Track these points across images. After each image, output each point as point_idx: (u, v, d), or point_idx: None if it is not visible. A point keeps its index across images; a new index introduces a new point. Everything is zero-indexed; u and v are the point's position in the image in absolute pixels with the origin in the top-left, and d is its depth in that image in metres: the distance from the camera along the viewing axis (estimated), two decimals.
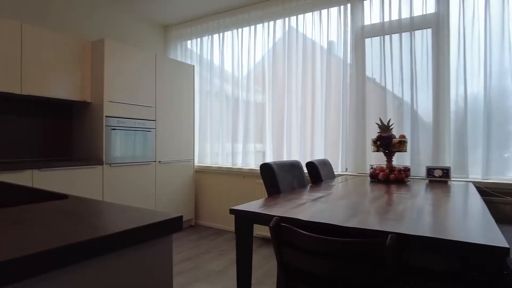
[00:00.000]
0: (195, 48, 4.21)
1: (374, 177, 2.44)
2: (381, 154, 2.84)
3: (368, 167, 2.95)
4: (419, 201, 1.55)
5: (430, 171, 2.50)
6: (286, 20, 3.47)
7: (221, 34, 3.94)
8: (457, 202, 1.55)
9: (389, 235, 0.94)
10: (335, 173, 3.04)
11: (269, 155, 3.58)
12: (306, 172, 2.45)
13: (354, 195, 1.73)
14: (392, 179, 2.33)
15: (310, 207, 1.38)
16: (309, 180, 2.52)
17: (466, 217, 1.22)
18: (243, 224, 1.40)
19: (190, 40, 4.24)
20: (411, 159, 2.78)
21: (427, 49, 2.75)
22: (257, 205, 1.43)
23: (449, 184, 2.29)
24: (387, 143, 2.42)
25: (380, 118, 2.59)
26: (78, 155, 3.19)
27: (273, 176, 1.92)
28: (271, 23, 3.58)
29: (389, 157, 2.46)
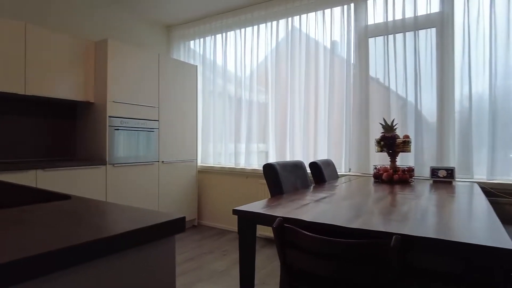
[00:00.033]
0: (198, 48, 4.21)
1: (377, 177, 2.43)
2: (384, 155, 2.83)
3: (371, 167, 2.94)
4: (423, 201, 1.54)
5: (434, 171, 2.48)
6: (289, 20, 3.46)
7: (224, 34, 3.94)
8: (462, 203, 1.53)
9: (393, 236, 0.93)
10: (339, 174, 3.02)
11: (272, 155, 3.57)
12: (309, 172, 2.44)
13: (357, 195, 1.72)
14: (396, 179, 2.32)
15: (313, 208, 1.37)
16: (312, 181, 2.51)
17: (471, 218, 1.20)
18: (246, 225, 1.39)
19: (193, 40, 4.25)
20: (415, 159, 2.77)
21: (431, 48, 2.73)
22: (260, 206, 1.42)
23: (454, 184, 2.27)
24: (391, 143, 2.41)
25: (383, 118, 2.58)
26: (81, 155, 3.20)
27: (276, 177, 1.92)
28: (274, 23, 3.57)
29: (393, 157, 2.45)
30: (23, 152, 2.92)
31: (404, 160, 2.81)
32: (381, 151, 2.47)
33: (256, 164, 3.69)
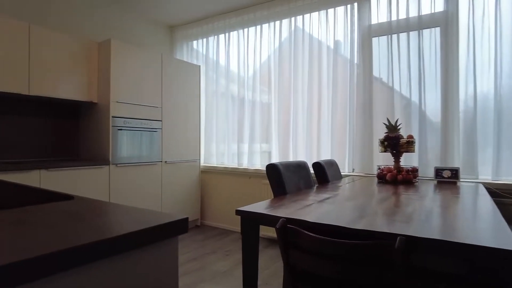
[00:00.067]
0: (201, 48, 4.21)
1: (381, 178, 2.42)
2: (388, 155, 2.81)
3: (375, 167, 2.92)
4: (428, 202, 1.53)
5: (438, 171, 2.46)
6: (292, 20, 3.45)
7: (227, 34, 3.94)
8: (466, 203, 1.52)
9: (398, 238, 0.93)
10: (342, 174, 3.01)
11: (275, 155, 3.56)
12: (312, 172, 2.43)
13: (361, 196, 1.71)
14: (399, 180, 2.31)
15: (316, 209, 1.37)
16: (315, 181, 2.50)
17: (476, 219, 1.19)
18: (249, 225, 1.39)
19: (196, 40, 4.25)
20: (419, 159, 2.75)
21: (435, 48, 2.71)
22: (263, 206, 1.42)
23: (458, 185, 2.25)
24: (395, 143, 2.39)
25: (387, 118, 2.56)
26: (84, 155, 3.21)
27: (279, 177, 1.91)
28: (277, 22, 3.56)
29: (396, 157, 2.43)
30: (27, 152, 2.94)
31: (408, 160, 2.79)
32: (384, 151, 2.46)
33: (259, 164, 3.68)
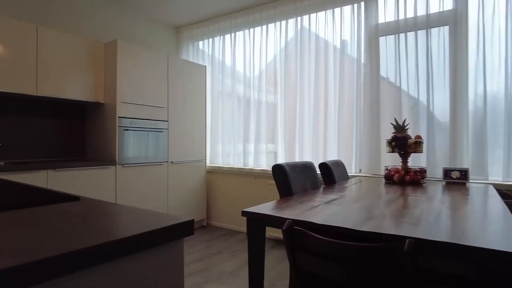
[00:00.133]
0: (207, 48, 4.21)
1: (389, 178, 2.39)
2: (396, 155, 2.78)
3: (382, 168, 2.89)
4: (436, 204, 1.50)
5: (447, 172, 2.42)
6: (299, 20, 3.44)
7: (232, 34, 3.93)
8: (476, 205, 1.49)
9: (407, 240, 0.91)
10: (349, 174, 2.98)
11: (281, 155, 3.55)
12: (319, 173, 2.41)
13: (368, 197, 1.69)
14: (407, 180, 2.28)
15: (323, 210, 1.35)
16: (322, 182, 2.48)
17: (486, 221, 1.17)
18: (255, 227, 1.38)
19: (202, 41, 4.25)
20: (427, 160, 2.71)
21: (444, 47, 2.67)
22: (269, 208, 1.41)
23: (468, 186, 2.21)
24: (403, 143, 2.37)
25: (395, 118, 2.54)
26: (91, 156, 3.24)
27: (286, 178, 1.90)
28: (283, 22, 3.55)
29: (404, 158, 2.40)
30: (34, 152, 2.96)
31: (415, 161, 2.76)
32: (392, 152, 2.43)
33: (265, 165, 3.67)
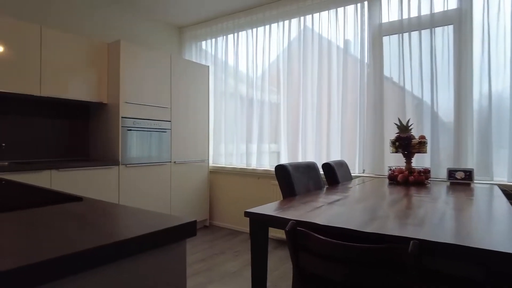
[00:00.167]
0: (209, 48, 4.21)
1: (392, 179, 2.37)
2: (399, 156, 2.76)
3: (386, 168, 2.88)
4: (441, 204, 1.49)
5: (451, 173, 2.41)
6: (302, 19, 3.43)
7: (235, 34, 3.93)
8: (481, 205, 1.48)
9: (411, 242, 0.90)
10: (352, 175, 2.97)
11: (284, 155, 3.54)
12: (322, 173, 2.40)
13: (372, 198, 1.68)
14: (411, 181, 2.26)
15: (326, 211, 1.34)
16: (325, 182, 2.47)
17: (492, 222, 1.15)
18: (258, 227, 1.37)
19: (205, 41, 4.25)
20: (431, 160, 2.70)
21: (448, 46, 2.65)
22: (272, 208, 1.40)
23: (472, 186, 2.20)
24: (406, 144, 2.35)
25: (398, 118, 2.52)
26: (94, 156, 3.25)
27: (289, 178, 1.89)
28: (286, 22, 3.54)
29: (408, 158, 2.39)
30: (38, 152, 2.98)
31: (419, 161, 2.74)
32: (396, 152, 2.42)
33: (268, 165, 3.67)
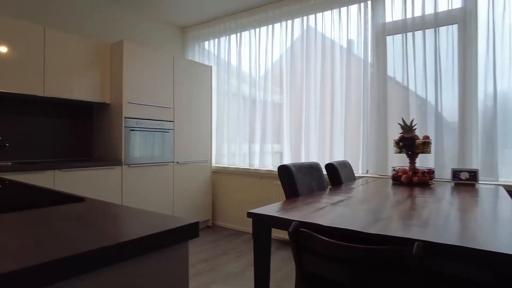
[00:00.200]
0: (212, 48, 4.21)
1: (396, 179, 2.36)
2: (403, 156, 2.74)
3: (390, 169, 2.86)
4: (445, 205, 1.48)
5: (456, 173, 2.39)
6: (305, 19, 3.42)
7: (238, 34, 3.93)
8: (486, 206, 1.46)
9: (415, 243, 0.89)
10: (356, 175, 2.96)
11: (286, 156, 3.53)
12: (325, 174, 2.39)
13: (375, 198, 1.67)
14: (415, 181, 2.25)
15: (330, 212, 1.34)
16: (328, 182, 2.46)
17: (497, 223, 1.14)
18: (260, 228, 1.37)
19: (208, 41, 4.25)
20: (435, 160, 2.68)
21: (452, 46, 2.63)
22: (275, 209, 1.40)
23: (477, 187, 2.18)
24: (410, 144, 2.33)
25: (402, 118, 2.50)
26: (97, 156, 3.25)
27: (291, 179, 1.88)
28: (289, 22, 3.53)
29: (412, 158, 2.37)
30: (41, 152, 2.99)
31: (423, 161, 2.72)
32: (399, 152, 2.40)
33: (271, 165, 3.66)
